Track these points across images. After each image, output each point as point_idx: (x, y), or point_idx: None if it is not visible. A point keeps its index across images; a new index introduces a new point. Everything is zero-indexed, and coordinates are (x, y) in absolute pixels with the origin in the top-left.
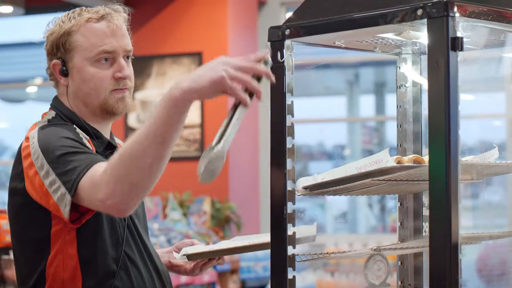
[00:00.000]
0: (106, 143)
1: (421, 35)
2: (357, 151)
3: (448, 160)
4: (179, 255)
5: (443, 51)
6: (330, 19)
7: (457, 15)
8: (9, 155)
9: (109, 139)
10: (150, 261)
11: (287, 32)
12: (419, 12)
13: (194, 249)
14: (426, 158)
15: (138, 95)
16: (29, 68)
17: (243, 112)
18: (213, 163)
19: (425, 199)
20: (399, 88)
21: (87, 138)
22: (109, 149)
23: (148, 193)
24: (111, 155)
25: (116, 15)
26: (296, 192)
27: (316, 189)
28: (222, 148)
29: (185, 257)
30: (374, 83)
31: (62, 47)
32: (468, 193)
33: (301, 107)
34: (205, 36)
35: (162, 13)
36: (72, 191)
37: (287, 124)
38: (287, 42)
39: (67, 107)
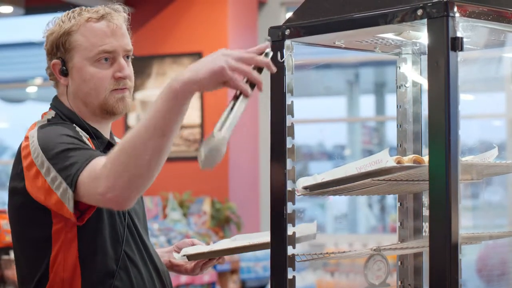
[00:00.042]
0: (106, 142)
1: (421, 35)
2: (357, 151)
3: (448, 160)
4: (179, 256)
5: (443, 51)
6: (330, 19)
7: (457, 15)
8: (9, 155)
9: (109, 138)
10: (150, 261)
11: (287, 32)
12: (419, 12)
13: (194, 249)
14: (426, 158)
15: (138, 95)
16: (29, 68)
17: (244, 102)
18: (214, 150)
19: (425, 199)
20: (399, 88)
21: (86, 137)
22: (109, 148)
23: (148, 186)
24: None
25: (116, 14)
26: (296, 192)
27: (316, 189)
28: (223, 136)
29: (185, 258)
30: (374, 83)
31: (62, 47)
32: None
33: (301, 107)
34: (205, 36)
35: (162, 13)
36: (73, 186)
37: (287, 124)
38: (287, 42)
39: (67, 107)
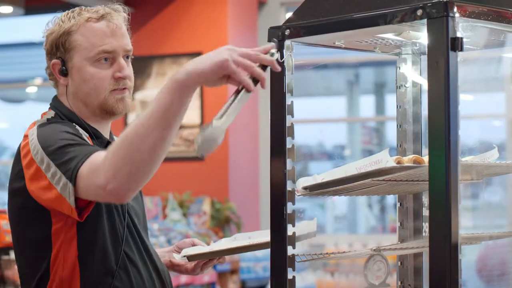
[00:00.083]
0: (105, 142)
1: (421, 35)
2: (357, 151)
3: (448, 160)
4: (179, 256)
5: (443, 51)
6: (330, 19)
7: (457, 15)
8: (8, 155)
9: (109, 138)
10: (150, 261)
11: (287, 32)
12: (419, 12)
13: (194, 250)
14: (426, 158)
15: (138, 95)
16: (29, 68)
17: (245, 96)
18: (210, 137)
19: (425, 199)
20: (399, 88)
21: (86, 136)
22: None
23: (148, 178)
24: None
25: (116, 14)
26: (296, 192)
27: (316, 189)
28: (221, 124)
29: (186, 258)
30: (374, 83)
31: (61, 47)
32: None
33: (301, 107)
34: (205, 36)
35: (162, 13)
36: (72, 179)
37: (287, 124)
38: (287, 42)
39: (67, 107)
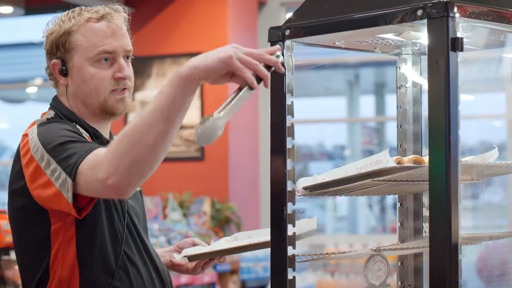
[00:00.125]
0: (105, 143)
1: (421, 35)
2: (357, 152)
3: (448, 160)
4: (179, 256)
5: (443, 51)
6: (330, 19)
7: (457, 15)
8: (9, 156)
9: (109, 138)
10: (150, 261)
11: (287, 32)
12: (419, 12)
13: (194, 250)
14: (426, 159)
15: (138, 96)
16: (29, 69)
17: (247, 93)
18: (210, 128)
19: (425, 200)
20: (399, 88)
21: (87, 135)
22: None
23: (149, 174)
24: None
25: (116, 15)
26: (296, 193)
27: (316, 189)
28: (222, 116)
29: (186, 258)
30: (374, 84)
31: (62, 47)
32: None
33: (301, 107)
34: (205, 37)
35: (162, 13)
36: (72, 175)
37: (287, 124)
38: (287, 43)
39: (67, 107)
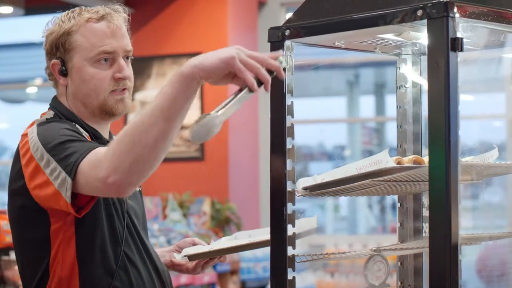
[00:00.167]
0: (105, 143)
1: (421, 35)
2: (357, 152)
3: (448, 160)
4: (179, 256)
5: (443, 51)
6: (330, 19)
7: (457, 15)
8: (9, 156)
9: (108, 139)
10: (150, 261)
11: (287, 32)
12: (419, 12)
13: (194, 249)
14: (426, 159)
15: (138, 96)
16: (29, 69)
17: (246, 95)
18: (206, 126)
19: (425, 200)
20: (399, 88)
21: (86, 135)
22: None
23: (150, 173)
24: None
25: (116, 15)
26: (296, 193)
27: (316, 189)
28: (219, 115)
29: (186, 258)
30: (374, 84)
31: (61, 47)
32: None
33: (301, 107)
34: (205, 37)
35: (162, 13)
36: (72, 174)
37: (287, 124)
38: (287, 43)
39: (66, 107)
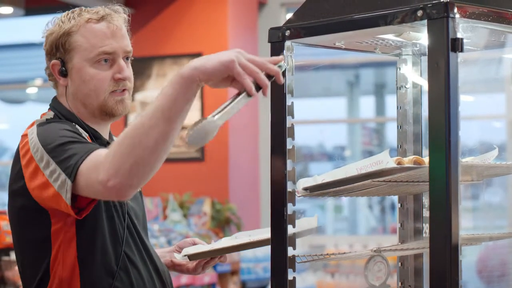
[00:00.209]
0: (105, 143)
1: (421, 36)
2: (357, 152)
3: (448, 161)
4: (180, 256)
5: (443, 52)
6: (330, 20)
7: (457, 16)
8: (9, 156)
9: (108, 139)
10: (150, 261)
11: (287, 33)
12: (419, 13)
13: (195, 249)
14: (426, 159)
15: (138, 96)
16: (29, 69)
17: (244, 100)
18: (202, 130)
19: (425, 200)
20: (399, 89)
21: (86, 135)
22: None
23: (150, 176)
24: None
25: (116, 16)
26: (296, 193)
27: (316, 190)
28: (215, 120)
29: (186, 258)
30: (374, 84)
31: (61, 48)
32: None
33: (301, 108)
34: (205, 37)
35: (162, 14)
36: (72, 176)
37: (287, 125)
38: (287, 43)
39: (66, 107)
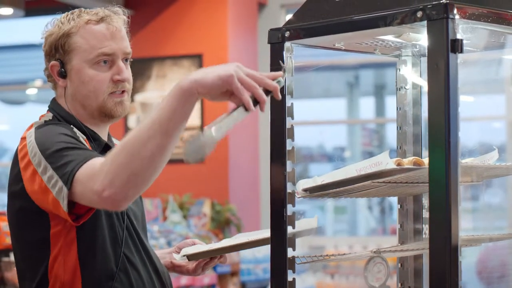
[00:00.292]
0: (103, 145)
1: (421, 37)
2: (357, 153)
3: (448, 162)
4: (179, 256)
5: (443, 53)
6: (330, 21)
7: (457, 17)
8: (9, 157)
9: (107, 141)
10: (150, 262)
11: (287, 34)
12: (419, 14)
13: (194, 249)
14: (426, 160)
15: (138, 97)
16: (29, 70)
17: (242, 114)
18: (199, 146)
19: (425, 201)
20: (399, 90)
21: (84, 138)
22: (106, 151)
23: (146, 187)
24: None
25: (116, 17)
26: (296, 194)
27: (316, 191)
28: (212, 136)
29: (185, 258)
30: (374, 85)
31: (61, 49)
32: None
33: (301, 109)
34: (205, 38)
35: (162, 15)
36: (68, 183)
37: (287, 126)
38: (287, 44)
39: (65, 109)
